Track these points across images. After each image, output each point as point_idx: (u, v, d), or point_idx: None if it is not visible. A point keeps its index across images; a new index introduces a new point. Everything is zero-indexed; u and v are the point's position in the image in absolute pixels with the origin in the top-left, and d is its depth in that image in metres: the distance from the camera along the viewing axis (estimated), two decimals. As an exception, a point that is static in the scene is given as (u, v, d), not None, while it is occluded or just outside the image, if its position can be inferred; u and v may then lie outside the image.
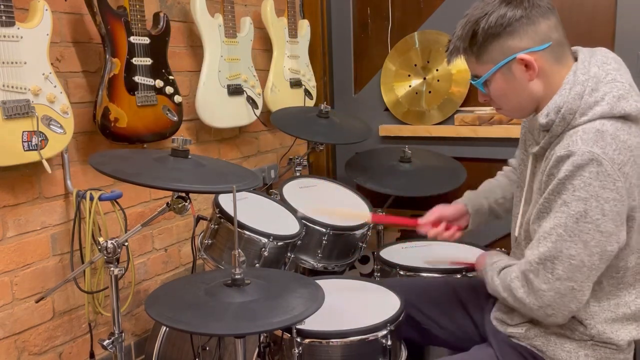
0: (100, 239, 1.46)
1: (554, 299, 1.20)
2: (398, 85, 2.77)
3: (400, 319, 1.47)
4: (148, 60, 1.91)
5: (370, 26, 2.86)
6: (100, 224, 1.79)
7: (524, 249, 1.32)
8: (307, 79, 2.72)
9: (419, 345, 1.73)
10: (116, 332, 1.52)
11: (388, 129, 2.80)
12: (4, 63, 1.53)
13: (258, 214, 1.90)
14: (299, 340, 1.40)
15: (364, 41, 2.89)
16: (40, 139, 1.62)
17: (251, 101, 2.35)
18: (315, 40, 2.84)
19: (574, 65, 1.24)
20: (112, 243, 1.43)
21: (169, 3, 2.17)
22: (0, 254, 1.68)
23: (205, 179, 1.44)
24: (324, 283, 1.48)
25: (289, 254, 1.86)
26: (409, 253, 2.00)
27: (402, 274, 1.81)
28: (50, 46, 1.64)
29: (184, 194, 1.41)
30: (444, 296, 1.60)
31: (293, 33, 2.60)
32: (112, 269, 1.45)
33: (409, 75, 2.75)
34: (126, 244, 1.49)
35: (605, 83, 1.19)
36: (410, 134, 2.72)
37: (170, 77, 2.00)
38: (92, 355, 1.86)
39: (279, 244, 1.76)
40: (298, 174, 2.37)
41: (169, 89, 1.99)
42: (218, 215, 1.77)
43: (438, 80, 2.68)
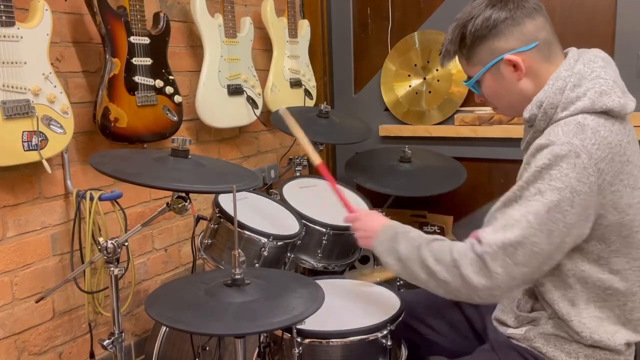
0: (100, 239, 1.46)
1: (505, 281, 1.18)
2: (398, 85, 2.77)
3: (400, 319, 1.47)
4: (148, 60, 1.91)
5: (370, 26, 2.86)
6: (100, 224, 1.79)
7: None
8: (307, 79, 2.72)
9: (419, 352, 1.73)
10: (116, 332, 1.52)
11: (388, 129, 2.80)
12: (4, 63, 1.53)
13: (258, 214, 1.90)
14: (299, 340, 1.40)
15: (364, 41, 2.89)
16: (40, 139, 1.62)
17: (251, 101, 2.35)
18: (315, 40, 2.84)
19: (562, 63, 1.26)
20: (112, 243, 1.43)
21: (169, 3, 2.17)
22: (0, 254, 1.68)
23: (205, 179, 1.44)
24: (324, 283, 1.48)
25: (288, 254, 1.86)
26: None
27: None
28: (50, 46, 1.64)
29: (184, 194, 1.41)
30: (443, 304, 1.59)
31: (293, 33, 2.60)
32: (112, 269, 1.45)
33: (409, 75, 2.75)
34: (126, 244, 1.49)
35: (589, 80, 1.20)
36: (410, 134, 2.72)
37: (170, 77, 2.00)
38: (92, 355, 1.86)
39: (279, 244, 1.76)
40: (298, 174, 2.37)
41: (169, 89, 1.99)
42: (218, 215, 1.77)
43: (438, 80, 2.68)
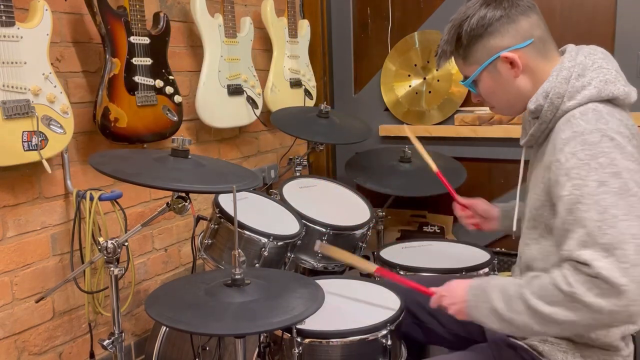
0: (100, 239, 1.46)
1: (637, 290, 1.04)
2: (398, 85, 2.77)
3: (400, 319, 1.47)
4: (148, 60, 1.91)
5: (370, 26, 2.86)
6: (100, 224, 1.79)
7: (525, 246, 1.31)
8: (307, 79, 2.72)
9: (420, 345, 1.73)
10: (116, 332, 1.52)
11: (388, 129, 2.80)
12: (4, 63, 1.53)
13: (258, 214, 1.90)
14: (299, 340, 1.40)
15: (364, 41, 2.89)
16: (40, 139, 1.62)
17: (251, 101, 2.35)
18: (315, 40, 2.84)
19: (561, 58, 1.26)
20: (112, 243, 1.43)
21: (169, 3, 2.17)
22: (0, 254, 1.68)
23: (205, 179, 1.43)
24: (324, 283, 1.48)
25: (289, 254, 1.86)
26: (409, 253, 2.00)
27: (402, 274, 1.81)
28: (50, 46, 1.64)
29: (184, 194, 1.41)
30: None
31: (293, 33, 2.60)
32: (112, 269, 1.45)
33: (409, 75, 2.75)
34: (126, 244, 1.49)
35: (592, 70, 1.21)
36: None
37: (170, 77, 2.00)
38: (92, 355, 1.86)
39: (279, 244, 1.76)
40: (298, 174, 2.37)
41: (169, 89, 1.99)
42: (218, 215, 1.77)
43: (438, 80, 2.68)
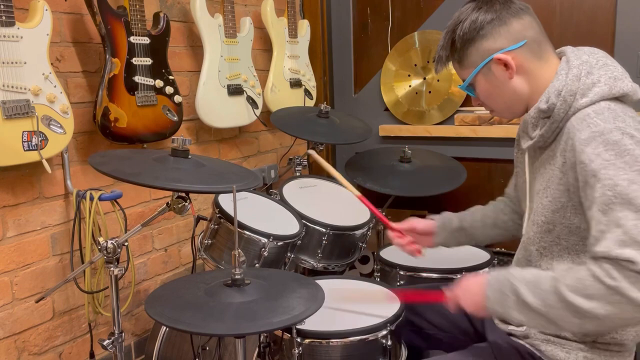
0: (100, 239, 1.46)
1: None
2: (398, 85, 2.77)
3: (400, 319, 1.47)
4: (148, 60, 1.91)
5: (370, 26, 2.86)
6: (100, 224, 1.79)
7: (536, 250, 1.30)
8: (307, 79, 2.72)
9: (420, 350, 1.73)
10: (116, 332, 1.52)
11: (388, 129, 2.80)
12: (4, 63, 1.53)
13: (258, 214, 1.90)
14: (299, 340, 1.40)
15: (364, 41, 2.89)
16: (40, 139, 1.62)
17: (251, 101, 2.35)
18: (315, 40, 2.84)
19: (564, 58, 1.27)
20: (112, 243, 1.43)
21: (169, 3, 2.17)
22: (0, 254, 1.68)
23: (205, 179, 1.43)
24: (324, 283, 1.48)
25: (289, 254, 1.86)
26: (409, 253, 2.00)
27: (402, 274, 1.81)
28: (50, 46, 1.64)
29: (184, 194, 1.41)
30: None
31: (293, 33, 2.60)
32: (112, 269, 1.45)
33: (409, 75, 2.75)
34: (126, 244, 1.49)
35: (597, 68, 1.21)
36: (410, 134, 2.72)
37: (170, 77, 2.00)
38: (92, 355, 1.86)
39: (279, 244, 1.76)
40: (298, 174, 2.37)
41: (169, 89, 1.99)
42: (218, 215, 1.77)
43: (438, 80, 2.68)
